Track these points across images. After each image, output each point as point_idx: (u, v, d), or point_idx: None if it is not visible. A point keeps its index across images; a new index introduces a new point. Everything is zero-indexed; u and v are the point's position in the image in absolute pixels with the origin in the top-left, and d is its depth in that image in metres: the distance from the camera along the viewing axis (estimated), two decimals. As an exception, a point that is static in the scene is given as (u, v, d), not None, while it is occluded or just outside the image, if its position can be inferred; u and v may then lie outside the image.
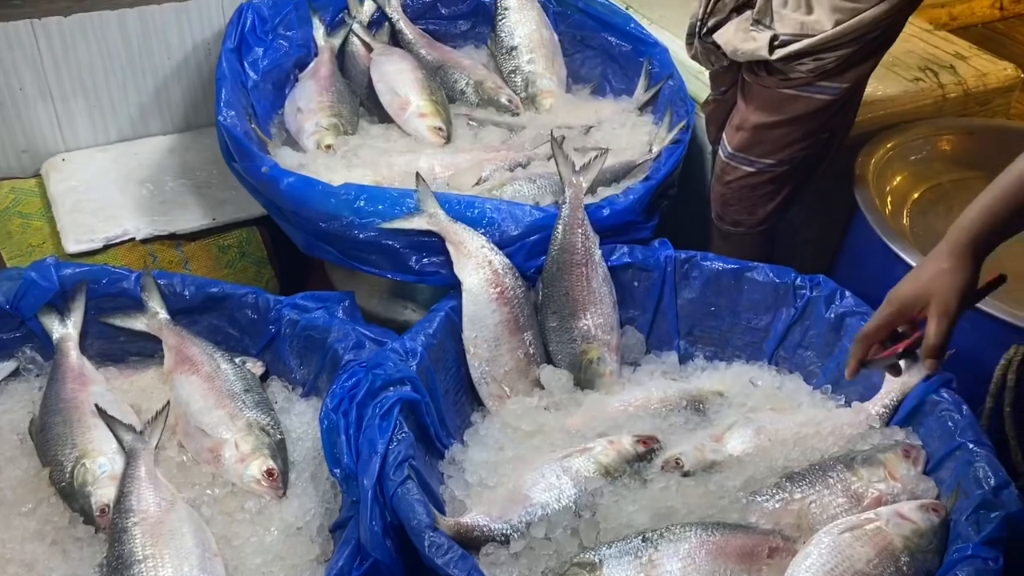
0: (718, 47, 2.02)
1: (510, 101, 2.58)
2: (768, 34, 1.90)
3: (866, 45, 1.90)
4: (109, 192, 2.47)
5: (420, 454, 1.64)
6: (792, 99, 1.97)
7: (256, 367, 1.92)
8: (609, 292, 2.00)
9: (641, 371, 2.02)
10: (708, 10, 2.01)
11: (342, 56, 2.64)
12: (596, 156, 2.05)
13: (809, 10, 1.87)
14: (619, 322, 2.03)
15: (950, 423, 1.64)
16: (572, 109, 2.60)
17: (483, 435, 1.82)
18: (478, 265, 1.92)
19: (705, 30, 2.03)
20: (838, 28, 1.84)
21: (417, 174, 2.00)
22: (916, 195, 2.32)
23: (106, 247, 2.32)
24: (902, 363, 1.70)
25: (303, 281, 2.56)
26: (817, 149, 2.07)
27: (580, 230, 1.97)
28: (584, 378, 1.96)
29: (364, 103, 2.55)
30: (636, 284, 2.06)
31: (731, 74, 2.09)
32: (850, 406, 1.84)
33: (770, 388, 1.93)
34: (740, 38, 1.95)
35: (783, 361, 2.00)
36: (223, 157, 2.24)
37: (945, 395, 1.69)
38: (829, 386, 1.90)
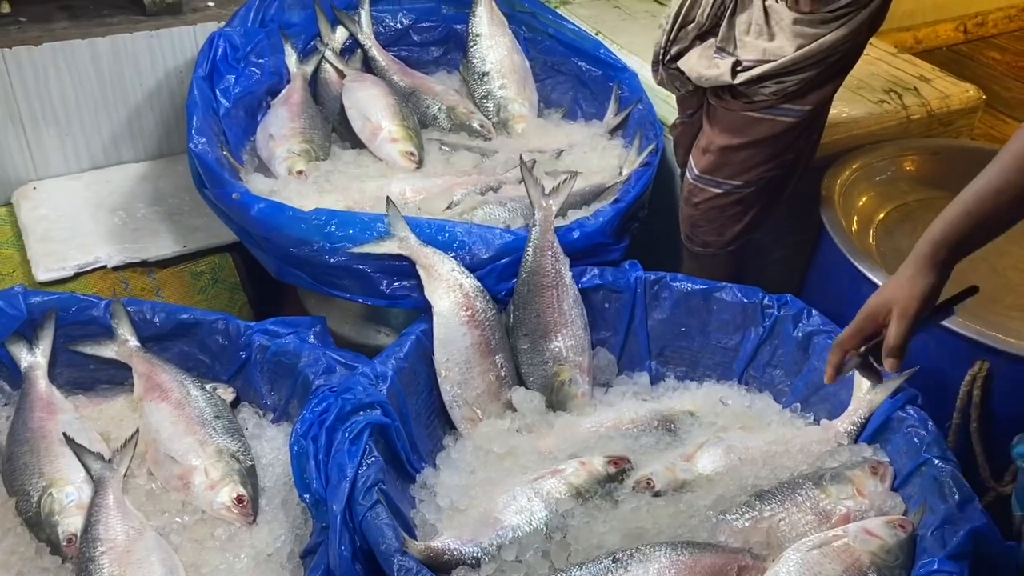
0: (682, 73, 2.05)
1: (482, 126, 2.61)
2: (730, 60, 1.94)
3: (827, 68, 1.94)
4: (80, 220, 2.46)
5: (391, 478, 1.64)
6: (756, 122, 2.00)
7: (227, 393, 1.91)
8: (580, 314, 2.02)
9: (613, 392, 2.03)
10: (671, 38, 2.04)
11: (314, 83, 2.66)
12: (566, 179, 2.07)
13: (771, 37, 1.92)
14: (591, 344, 2.04)
15: (916, 439, 1.66)
16: (544, 133, 2.64)
17: (455, 458, 1.82)
18: (449, 288, 1.93)
19: (668, 57, 2.07)
20: (799, 52, 1.88)
21: (388, 198, 2.01)
22: (882, 215, 2.36)
23: (77, 275, 2.31)
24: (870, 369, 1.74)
25: (277, 307, 2.56)
26: (783, 170, 2.10)
27: (550, 252, 1.99)
28: (556, 400, 1.97)
29: (336, 129, 2.57)
30: (607, 305, 2.08)
31: (697, 98, 2.12)
32: (819, 424, 1.85)
33: (740, 407, 1.95)
34: (704, 65, 1.99)
35: (753, 380, 2.01)
36: (195, 184, 2.24)
37: (911, 411, 1.71)
38: (798, 404, 1.92)
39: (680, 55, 2.04)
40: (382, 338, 2.30)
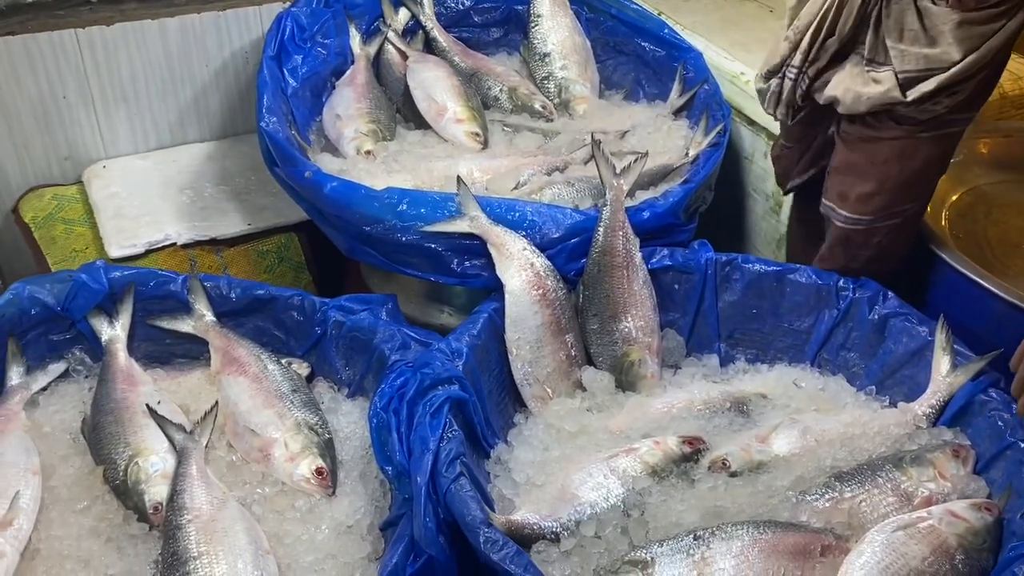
0: (803, 100, 1.86)
1: (544, 107, 2.60)
2: (889, 73, 1.72)
3: (998, 66, 1.78)
4: (150, 198, 2.50)
5: (468, 452, 1.65)
6: (924, 144, 1.79)
7: (302, 368, 1.93)
8: (649, 295, 2.01)
9: (682, 374, 2.02)
10: (809, 57, 1.80)
11: (378, 64, 2.67)
12: (636, 159, 2.06)
13: (931, 42, 1.68)
14: (660, 325, 2.03)
15: (1000, 423, 1.64)
16: (606, 115, 2.62)
17: (527, 435, 1.83)
18: (520, 267, 1.93)
19: (808, 81, 1.83)
20: (971, 58, 1.67)
21: (458, 178, 2.01)
22: (954, 197, 2.32)
23: (148, 252, 2.35)
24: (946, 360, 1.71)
25: (340, 286, 2.58)
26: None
27: (621, 233, 1.98)
28: (625, 380, 1.96)
29: (400, 110, 2.58)
30: (676, 287, 2.07)
31: (800, 129, 1.99)
32: (895, 407, 1.83)
33: (813, 390, 1.93)
34: (860, 82, 1.75)
35: (826, 363, 1.99)
36: (265, 162, 2.26)
37: (994, 395, 1.68)
38: (873, 387, 1.90)
39: (818, 76, 1.82)
40: (445, 317, 2.31)
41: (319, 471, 1.67)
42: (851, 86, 1.78)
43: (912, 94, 1.72)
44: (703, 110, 2.46)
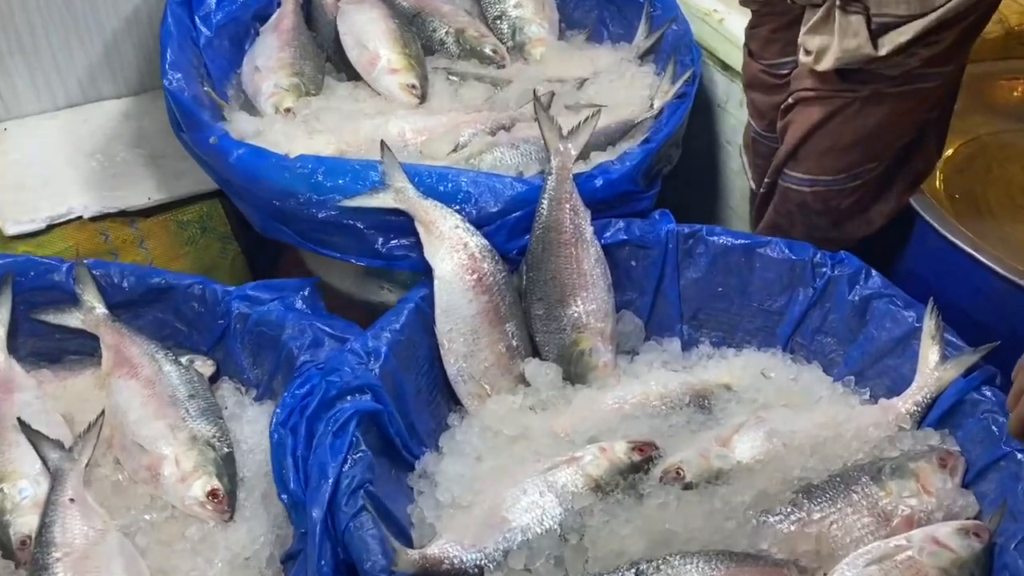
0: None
1: (495, 51, 2.32)
2: (861, 19, 1.47)
3: (988, 8, 1.54)
4: (55, 165, 2.24)
5: (383, 471, 1.44)
6: (885, 100, 1.57)
7: (206, 366, 1.71)
8: (602, 274, 1.77)
9: (640, 361, 1.80)
10: None
11: (309, 5, 2.37)
12: (587, 118, 1.80)
13: None
14: (614, 307, 1.80)
15: (994, 427, 1.42)
16: (565, 59, 2.34)
17: (460, 441, 1.62)
18: (452, 248, 1.69)
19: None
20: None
21: (382, 143, 1.75)
22: (949, 152, 2.05)
23: (50, 227, 2.10)
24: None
25: (273, 259, 2.35)
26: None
27: (568, 205, 1.73)
28: (575, 372, 1.74)
29: (332, 58, 2.29)
30: (633, 263, 1.83)
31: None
32: (876, 402, 1.62)
33: (784, 380, 1.71)
34: (829, 32, 1.52)
35: (800, 348, 1.77)
36: (172, 127, 2.00)
37: (988, 393, 1.46)
38: (852, 378, 1.68)
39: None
40: (386, 294, 2.07)
41: (214, 493, 1.46)
42: (824, 40, 1.53)
43: (885, 46, 1.46)
44: (671, 54, 2.18)
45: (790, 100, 1.69)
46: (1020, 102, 2.16)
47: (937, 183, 1.97)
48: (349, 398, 1.43)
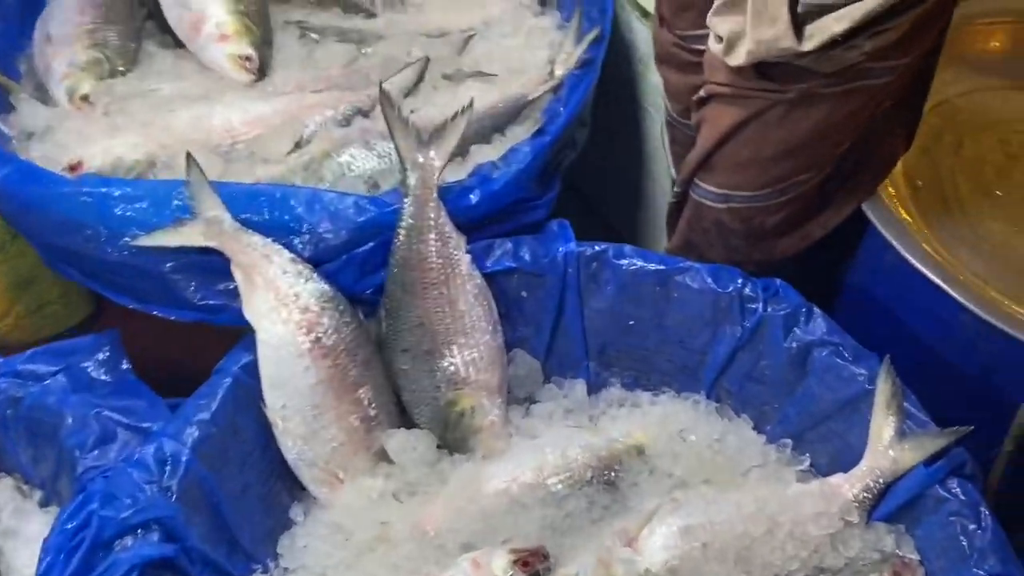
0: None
1: (364, -4, 1.87)
2: (783, 6, 1.10)
3: None
4: None
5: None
6: (820, 100, 1.22)
7: (-20, 458, 1.35)
8: (484, 313, 1.41)
9: (537, 412, 1.46)
10: None
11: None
12: (454, 116, 1.38)
13: None
14: (504, 348, 1.45)
15: (963, 537, 1.12)
16: (449, 4, 1.89)
17: (302, 549, 1.29)
18: (278, 302, 1.30)
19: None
20: None
21: (188, 156, 1.33)
22: (915, 123, 1.69)
23: None
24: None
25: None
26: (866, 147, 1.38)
27: (433, 235, 1.35)
28: (454, 437, 1.40)
29: (154, 13, 1.81)
30: (524, 294, 1.46)
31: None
32: (816, 475, 1.31)
33: (707, 441, 1.39)
34: (752, 15, 1.13)
35: (727, 396, 1.44)
36: (-70, 124, 1.55)
37: (957, 489, 1.15)
38: (788, 441, 1.37)
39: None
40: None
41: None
42: (733, 29, 1.15)
43: (813, 38, 1.09)
44: (576, 2, 1.75)
45: (702, 93, 1.31)
46: (999, 53, 1.78)
47: (896, 168, 1.61)
48: (129, 540, 1.08)
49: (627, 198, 1.99)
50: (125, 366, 1.38)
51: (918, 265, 1.36)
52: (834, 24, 1.08)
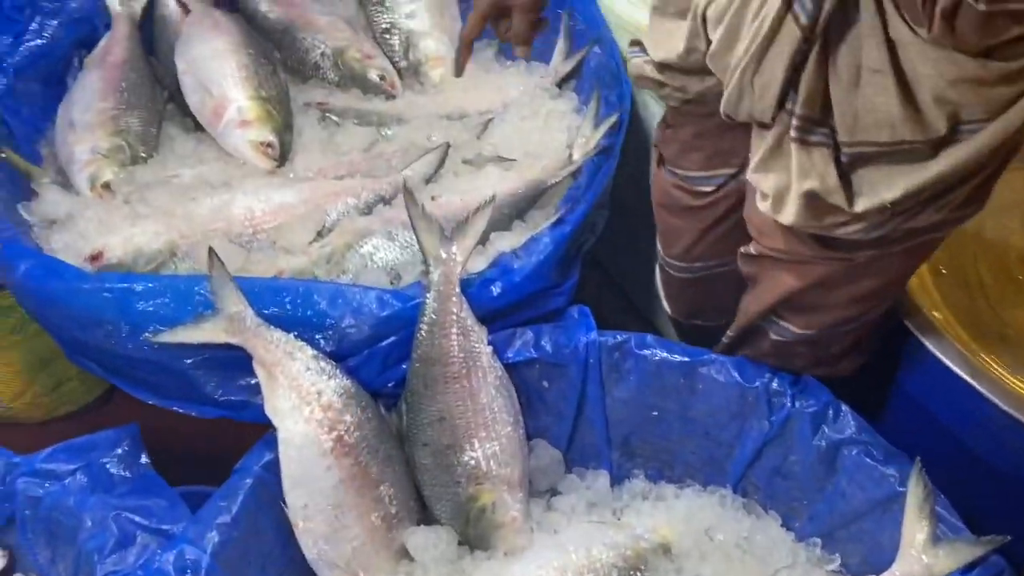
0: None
1: (383, 77, 1.89)
2: (827, 154, 1.02)
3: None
4: None
5: None
6: (882, 260, 1.15)
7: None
8: (505, 405, 1.39)
9: (560, 503, 1.44)
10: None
11: (150, 26, 1.91)
12: (478, 210, 1.38)
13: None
14: (525, 440, 1.43)
15: (1002, 654, 1.09)
16: (469, 85, 1.90)
17: (323, 653, 1.26)
18: (301, 400, 1.29)
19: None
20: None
21: (210, 251, 1.33)
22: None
23: None
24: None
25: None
26: None
27: (455, 329, 1.34)
28: (474, 533, 1.38)
29: (175, 97, 1.83)
30: (546, 384, 1.45)
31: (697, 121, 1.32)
32: (845, 575, 1.29)
33: (735, 540, 1.36)
34: (797, 173, 1.05)
35: (754, 491, 1.42)
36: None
37: (996, 602, 1.13)
38: (818, 540, 1.34)
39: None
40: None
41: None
42: (781, 180, 1.07)
43: (861, 202, 1.01)
44: (594, 84, 1.77)
45: (752, 251, 1.25)
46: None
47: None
48: (147, 658, 1.06)
49: (646, 274, 1.98)
50: (144, 460, 1.36)
51: (952, 366, 1.33)
52: (884, 191, 1.01)
